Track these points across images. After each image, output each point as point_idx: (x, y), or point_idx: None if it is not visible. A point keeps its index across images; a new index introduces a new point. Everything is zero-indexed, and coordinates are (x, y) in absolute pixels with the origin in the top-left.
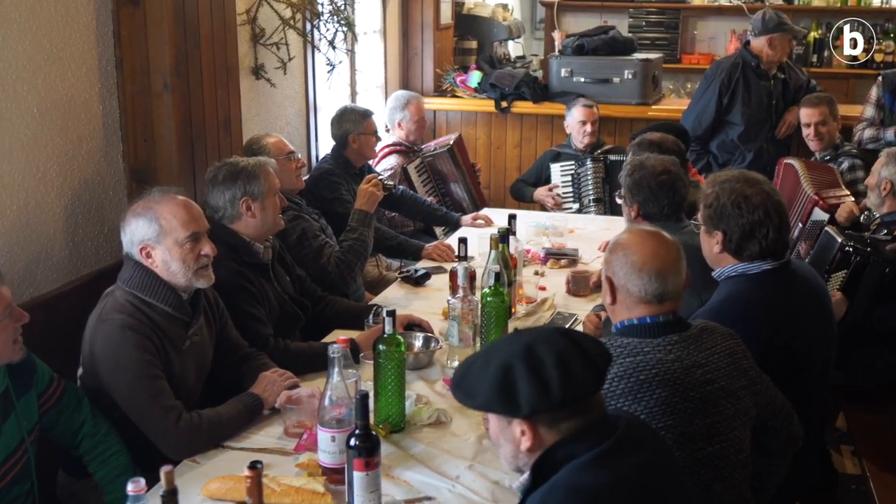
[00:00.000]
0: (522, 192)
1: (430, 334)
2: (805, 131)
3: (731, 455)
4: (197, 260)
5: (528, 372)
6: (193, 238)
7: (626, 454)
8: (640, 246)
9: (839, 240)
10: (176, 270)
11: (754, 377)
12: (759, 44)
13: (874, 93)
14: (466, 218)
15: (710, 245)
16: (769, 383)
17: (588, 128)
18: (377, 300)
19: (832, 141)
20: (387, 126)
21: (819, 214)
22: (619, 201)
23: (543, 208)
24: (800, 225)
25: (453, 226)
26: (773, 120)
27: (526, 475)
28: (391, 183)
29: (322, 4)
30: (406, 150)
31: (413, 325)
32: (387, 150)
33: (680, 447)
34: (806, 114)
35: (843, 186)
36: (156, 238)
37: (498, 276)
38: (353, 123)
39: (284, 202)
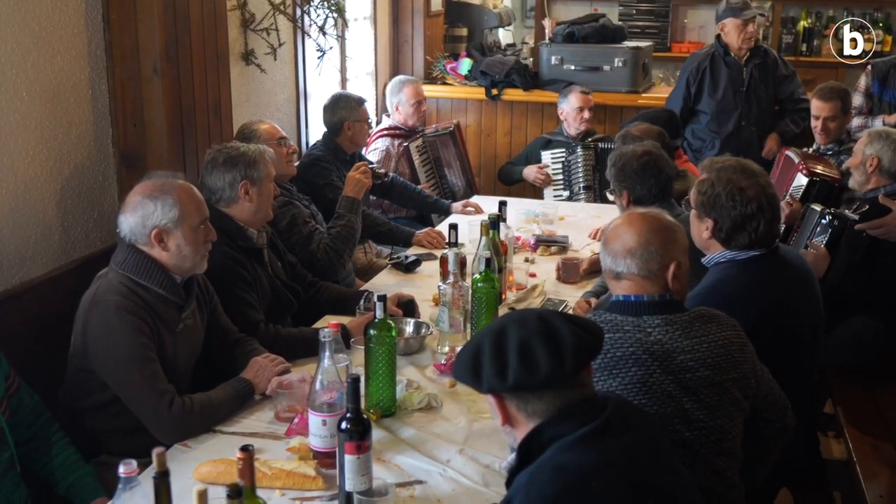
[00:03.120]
0: (511, 172)
1: (420, 320)
2: (813, 123)
3: (712, 443)
4: (205, 245)
5: (492, 352)
6: (205, 223)
7: (614, 435)
8: (624, 225)
9: (818, 210)
10: (187, 255)
11: (747, 371)
12: (721, 32)
13: (863, 81)
14: (457, 205)
15: (700, 230)
16: (767, 376)
17: (585, 114)
18: (368, 286)
19: (838, 136)
20: (387, 111)
21: (801, 179)
22: (610, 197)
23: (533, 191)
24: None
25: (444, 213)
26: (744, 108)
27: (513, 455)
28: (382, 170)
29: None
30: (403, 133)
31: (402, 303)
32: (382, 132)
33: None
34: (817, 106)
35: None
36: (174, 223)
37: (488, 262)
38: (348, 110)
39: (277, 191)
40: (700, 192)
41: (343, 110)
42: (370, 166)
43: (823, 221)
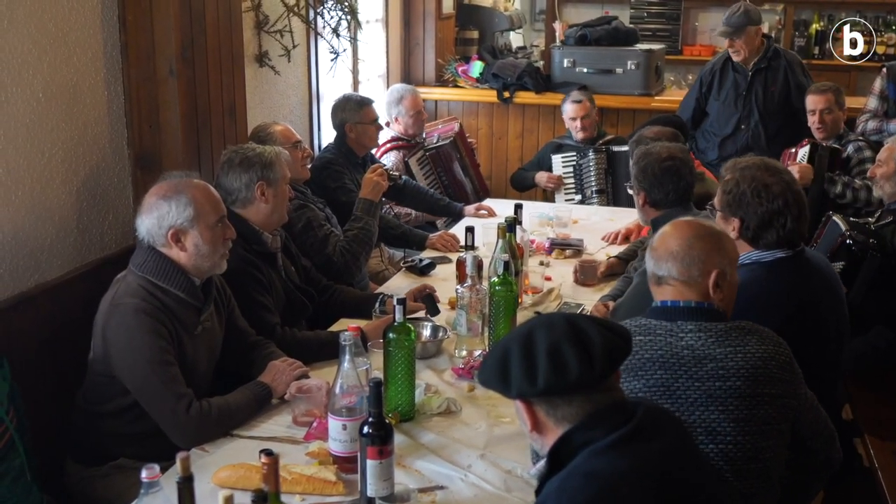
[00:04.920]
0: (524, 178)
1: (437, 324)
2: (810, 119)
3: (738, 461)
4: (224, 243)
5: (521, 356)
6: (222, 221)
7: (645, 440)
8: (670, 229)
9: (843, 229)
10: (206, 254)
11: (787, 390)
12: None
13: (878, 84)
14: (469, 208)
15: (726, 231)
16: (814, 403)
17: (578, 123)
18: (382, 289)
19: (836, 130)
20: (387, 121)
21: (801, 152)
22: (629, 191)
23: (545, 195)
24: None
25: (456, 216)
26: (743, 112)
27: (542, 462)
28: (397, 173)
29: None
30: (406, 143)
31: (423, 297)
32: (387, 146)
33: None
34: (812, 101)
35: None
36: (189, 222)
37: (507, 265)
38: (350, 112)
39: (292, 194)
40: (725, 191)
41: (344, 112)
42: (384, 168)
43: (845, 245)
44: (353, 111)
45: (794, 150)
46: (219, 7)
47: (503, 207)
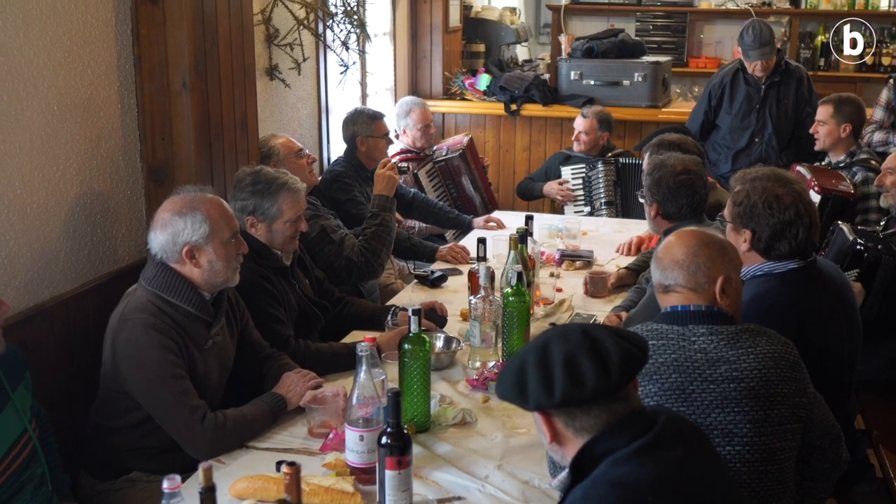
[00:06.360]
0: (531, 189)
1: (450, 335)
2: None
3: (755, 462)
4: (237, 258)
5: (537, 368)
6: (236, 237)
7: (667, 448)
8: (675, 239)
9: (850, 237)
10: (219, 270)
11: (798, 389)
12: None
13: (884, 95)
14: (478, 220)
15: (738, 243)
16: (821, 403)
17: (575, 135)
18: (394, 301)
19: (834, 144)
20: (395, 133)
21: (812, 196)
22: (641, 200)
23: (553, 206)
24: None
25: (465, 228)
26: (757, 126)
27: (564, 473)
28: (405, 165)
29: (335, 5)
30: (415, 156)
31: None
32: (395, 158)
33: None
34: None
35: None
36: (204, 239)
37: (520, 276)
38: (361, 126)
39: (305, 227)
40: (735, 203)
41: (355, 126)
42: (393, 161)
43: (857, 252)
44: (365, 125)
45: (802, 171)
46: (231, 21)
47: (512, 219)
